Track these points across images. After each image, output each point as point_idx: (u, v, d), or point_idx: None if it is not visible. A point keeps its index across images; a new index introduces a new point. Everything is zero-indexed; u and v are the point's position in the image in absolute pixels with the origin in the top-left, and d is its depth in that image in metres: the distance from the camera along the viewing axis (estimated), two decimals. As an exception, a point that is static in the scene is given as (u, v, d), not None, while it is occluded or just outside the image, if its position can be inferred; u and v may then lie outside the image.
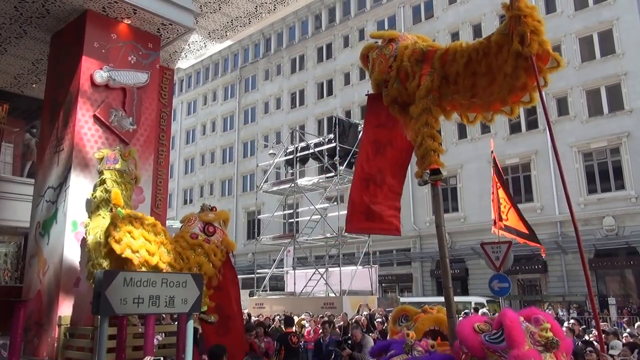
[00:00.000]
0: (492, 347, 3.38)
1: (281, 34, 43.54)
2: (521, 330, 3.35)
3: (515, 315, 3.48)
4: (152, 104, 10.16)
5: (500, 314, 3.56)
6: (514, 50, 4.01)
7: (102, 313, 5.21)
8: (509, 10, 4.12)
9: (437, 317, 5.31)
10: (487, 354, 3.40)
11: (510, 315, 3.43)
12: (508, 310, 3.52)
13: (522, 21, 3.97)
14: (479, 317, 3.88)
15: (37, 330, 8.57)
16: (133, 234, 6.74)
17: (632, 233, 23.82)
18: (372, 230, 7.05)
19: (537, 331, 3.40)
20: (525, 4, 4.02)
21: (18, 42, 11.15)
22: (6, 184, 12.92)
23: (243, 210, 42.24)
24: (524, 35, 3.94)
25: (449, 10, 32.67)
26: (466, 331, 3.55)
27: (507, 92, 4.25)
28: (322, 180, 23.25)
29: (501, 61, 4.15)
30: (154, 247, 6.82)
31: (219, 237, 7.48)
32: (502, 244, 11.61)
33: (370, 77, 5.46)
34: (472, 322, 3.67)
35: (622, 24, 26.00)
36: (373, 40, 5.52)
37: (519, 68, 4.05)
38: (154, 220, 7.29)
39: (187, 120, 50.23)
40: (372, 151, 5.80)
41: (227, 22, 12.27)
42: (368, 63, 5.47)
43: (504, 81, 4.18)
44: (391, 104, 5.09)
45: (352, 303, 19.29)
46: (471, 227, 27.92)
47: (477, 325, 3.58)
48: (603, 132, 25.44)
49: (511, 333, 3.30)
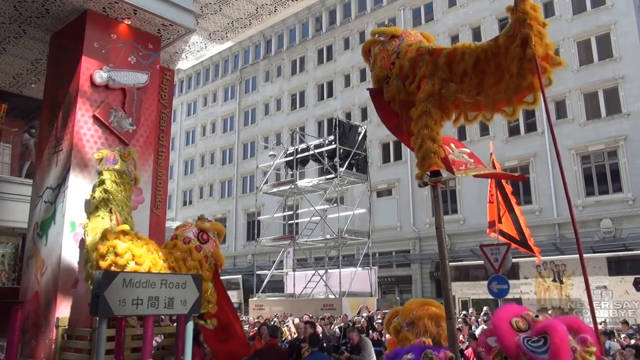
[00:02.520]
0: (531, 355, 3.20)
1: (282, 36, 43.56)
2: (569, 351, 3.16)
3: (566, 332, 3.26)
4: (152, 104, 10.14)
5: (548, 325, 3.32)
6: (517, 52, 4.00)
7: (101, 314, 5.19)
8: (513, 12, 4.10)
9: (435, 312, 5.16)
10: (521, 358, 3.23)
11: (561, 334, 3.21)
12: (559, 326, 3.28)
13: (526, 24, 3.95)
14: (516, 309, 3.62)
15: (34, 332, 8.52)
16: (117, 249, 6.77)
17: (630, 235, 23.90)
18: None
19: (580, 350, 3.21)
20: (530, 6, 3.99)
21: (17, 41, 11.14)
22: (4, 184, 12.88)
23: (243, 211, 42.21)
24: (528, 37, 3.92)
25: (448, 13, 32.79)
26: (503, 327, 3.36)
27: (514, 91, 4.23)
28: (322, 181, 23.25)
29: (509, 61, 4.16)
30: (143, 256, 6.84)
31: (210, 248, 7.47)
32: (501, 245, 11.62)
33: (371, 71, 5.43)
34: (509, 314, 3.46)
35: (619, 28, 26.18)
36: (376, 35, 5.48)
37: (524, 69, 4.04)
38: (146, 239, 7.33)
39: (187, 121, 50.21)
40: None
41: (227, 24, 12.27)
42: (370, 57, 5.42)
43: (511, 81, 4.17)
44: (392, 100, 5.08)
45: (352, 304, 19.29)
46: (470, 229, 27.92)
47: (515, 322, 3.38)
48: (601, 135, 25.57)
49: (558, 353, 3.12)
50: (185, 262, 7.14)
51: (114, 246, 6.76)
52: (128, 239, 6.93)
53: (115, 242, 6.82)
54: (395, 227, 31.38)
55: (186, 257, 7.19)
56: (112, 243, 6.78)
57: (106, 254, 6.76)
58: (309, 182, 24.28)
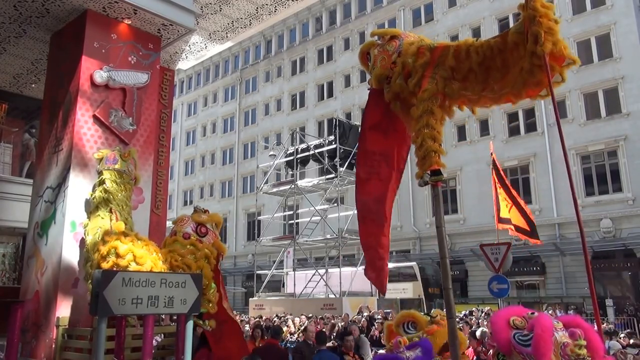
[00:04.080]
0: (518, 347, 3.28)
1: (282, 36, 43.57)
2: (550, 341, 3.20)
3: (550, 324, 3.30)
4: (152, 104, 10.13)
5: (535, 318, 3.39)
6: (528, 49, 4.00)
7: (101, 313, 5.18)
8: (524, 9, 4.10)
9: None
10: (513, 353, 3.31)
11: (543, 324, 3.27)
12: (544, 318, 3.35)
13: (536, 21, 3.94)
14: (518, 310, 3.66)
15: (34, 331, 8.51)
16: (118, 250, 6.74)
17: (630, 235, 23.97)
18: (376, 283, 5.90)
19: (571, 344, 3.23)
20: (541, 4, 3.99)
21: (17, 41, 11.13)
22: (5, 184, 12.87)
23: (243, 211, 42.22)
24: (538, 35, 3.91)
25: (448, 13, 32.81)
26: (500, 323, 3.43)
27: (522, 86, 4.24)
28: (323, 181, 23.29)
29: (517, 57, 4.16)
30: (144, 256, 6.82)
31: (210, 239, 7.46)
32: (501, 245, 11.64)
33: (370, 73, 5.38)
34: (509, 314, 3.51)
35: (619, 28, 26.22)
36: (374, 38, 5.46)
37: (535, 66, 4.03)
38: (147, 240, 7.30)
39: (188, 122, 50.23)
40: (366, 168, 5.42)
41: (227, 24, 12.26)
42: (368, 61, 5.38)
43: (519, 75, 4.17)
44: (393, 99, 5.03)
45: (352, 304, 19.31)
46: (470, 229, 27.94)
47: (513, 320, 3.44)
48: (601, 135, 25.63)
49: (538, 342, 3.18)
50: (193, 255, 7.11)
51: (115, 247, 6.75)
52: (129, 240, 6.92)
53: (117, 243, 6.81)
54: (396, 227, 31.37)
55: (188, 253, 7.17)
56: (113, 244, 6.77)
57: (107, 255, 6.74)
58: (309, 182, 24.30)
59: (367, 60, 5.40)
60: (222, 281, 7.91)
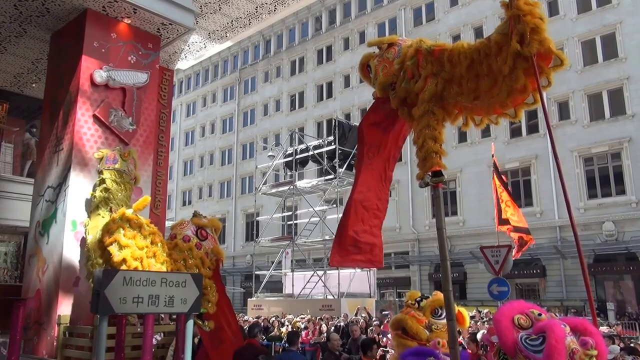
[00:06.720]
0: (526, 352, 3.13)
1: (281, 36, 43.54)
2: (564, 354, 3.06)
3: (563, 333, 3.15)
4: (152, 104, 10.15)
5: (547, 325, 3.22)
6: (512, 50, 3.84)
7: (101, 312, 5.20)
8: (508, 9, 3.94)
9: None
10: (518, 356, 3.17)
11: (557, 334, 3.11)
12: (557, 326, 3.18)
13: (521, 20, 3.79)
14: (522, 305, 3.51)
15: (36, 329, 8.55)
16: (120, 241, 6.73)
17: (632, 238, 23.76)
18: (356, 263, 6.35)
19: (580, 352, 3.11)
20: (525, 1, 3.82)
21: (18, 41, 11.14)
22: (6, 184, 12.89)
23: (242, 212, 42.20)
24: (524, 34, 3.77)
25: (450, 12, 32.66)
26: (505, 323, 3.29)
27: (506, 94, 4.08)
28: (321, 182, 23.29)
29: (501, 62, 4.00)
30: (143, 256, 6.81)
31: (209, 244, 7.46)
32: (502, 247, 11.64)
33: (373, 84, 5.25)
34: (513, 311, 3.38)
35: (625, 28, 25.86)
36: (371, 49, 5.38)
37: (517, 69, 3.88)
38: (154, 229, 7.27)
39: (186, 122, 50.22)
40: (365, 164, 5.51)
41: (227, 23, 12.28)
42: (369, 73, 5.28)
43: (503, 83, 4.03)
44: (400, 105, 4.94)
45: (351, 305, 19.32)
46: (470, 231, 27.92)
47: (518, 319, 3.29)
48: (604, 137, 25.35)
49: (552, 354, 3.02)
50: (186, 262, 7.13)
51: (117, 240, 6.76)
52: (131, 236, 6.90)
53: (119, 235, 6.81)
54: (395, 228, 31.35)
55: (186, 256, 7.17)
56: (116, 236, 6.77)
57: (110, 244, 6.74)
58: (308, 183, 24.32)
59: (368, 73, 5.30)
60: (225, 292, 7.85)
